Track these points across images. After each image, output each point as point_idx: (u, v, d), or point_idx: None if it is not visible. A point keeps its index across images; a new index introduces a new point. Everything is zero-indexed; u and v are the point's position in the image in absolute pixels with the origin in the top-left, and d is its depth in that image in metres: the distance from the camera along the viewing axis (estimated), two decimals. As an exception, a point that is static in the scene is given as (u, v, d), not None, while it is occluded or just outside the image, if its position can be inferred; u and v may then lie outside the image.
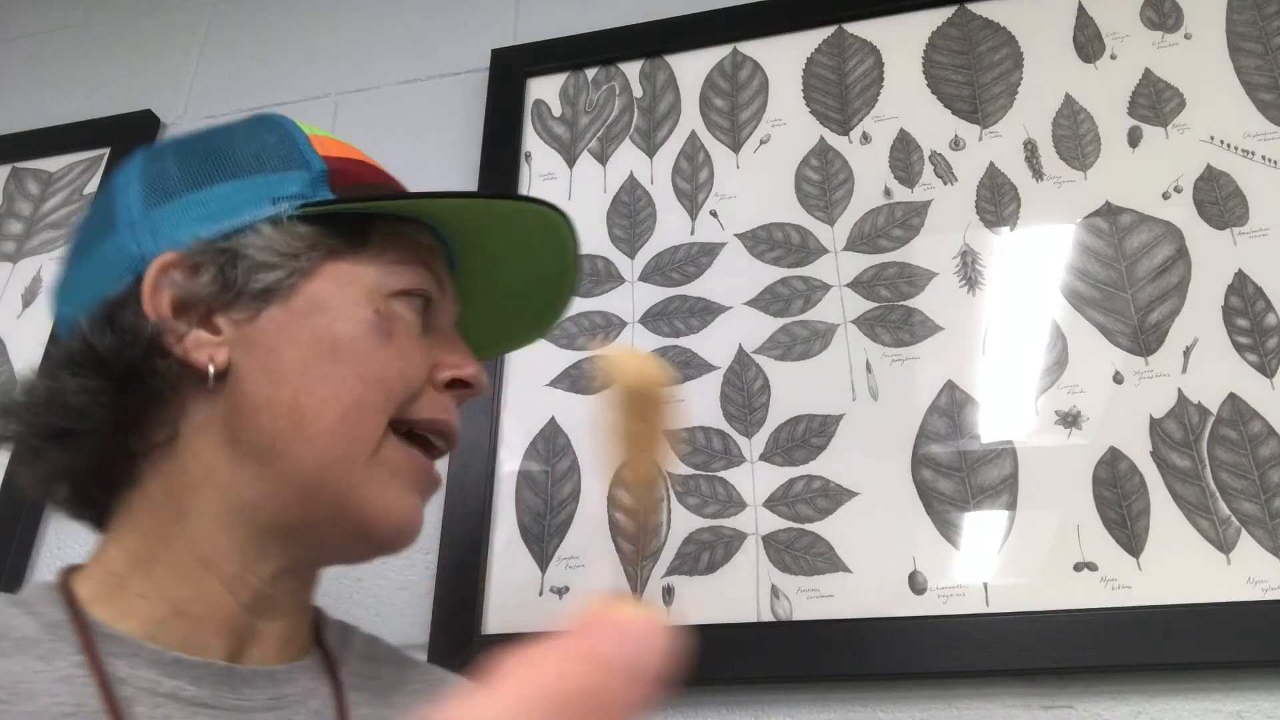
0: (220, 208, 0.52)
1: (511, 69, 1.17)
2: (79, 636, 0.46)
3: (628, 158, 1.09)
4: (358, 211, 0.54)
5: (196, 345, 0.50)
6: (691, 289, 1.00)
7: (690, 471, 0.92)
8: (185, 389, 0.50)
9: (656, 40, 1.13)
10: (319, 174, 0.54)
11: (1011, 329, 0.89)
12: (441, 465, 0.96)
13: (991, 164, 0.97)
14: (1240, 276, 0.86)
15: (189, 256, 0.51)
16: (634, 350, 0.24)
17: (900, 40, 1.06)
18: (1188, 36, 0.97)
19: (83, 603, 0.48)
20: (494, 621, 0.89)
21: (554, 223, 0.60)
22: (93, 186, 1.26)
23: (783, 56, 1.09)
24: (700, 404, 0.94)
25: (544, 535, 0.92)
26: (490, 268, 0.63)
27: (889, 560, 0.83)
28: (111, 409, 0.50)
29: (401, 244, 0.56)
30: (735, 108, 1.08)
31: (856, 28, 1.08)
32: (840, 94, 1.05)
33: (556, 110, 1.14)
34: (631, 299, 1.01)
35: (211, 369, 0.50)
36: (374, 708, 0.55)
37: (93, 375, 0.49)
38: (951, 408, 0.88)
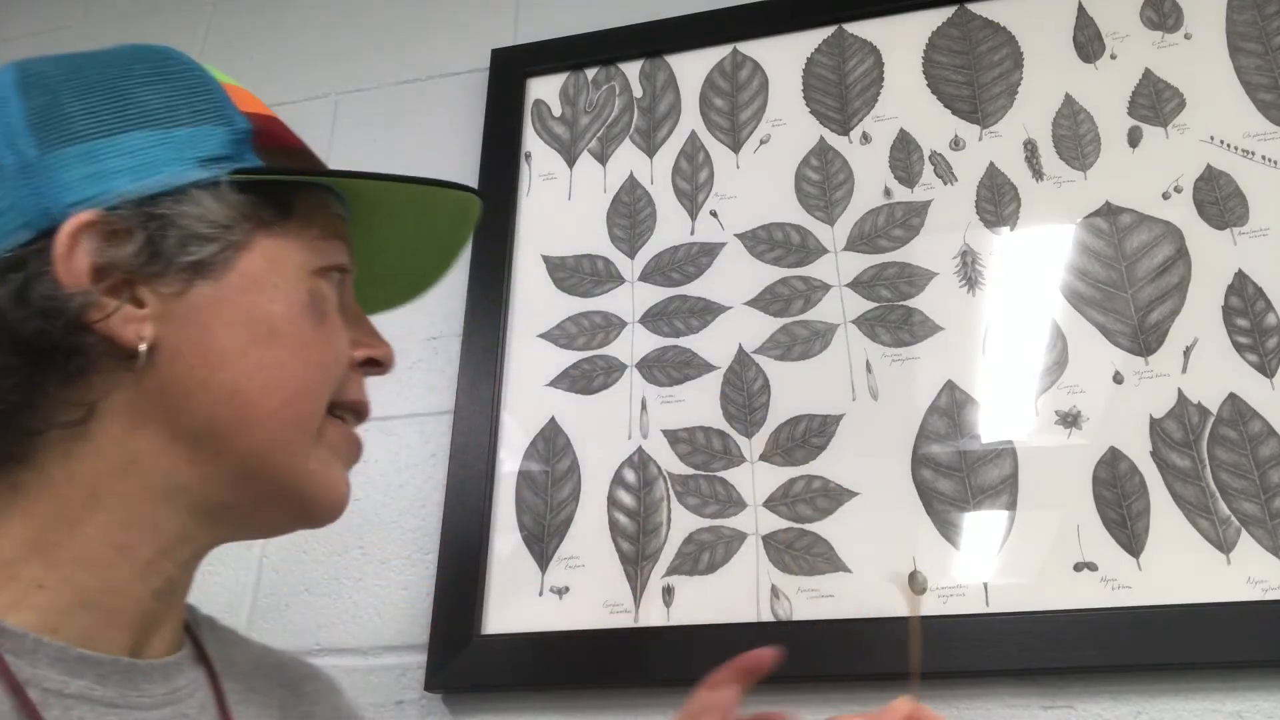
0: (138, 162, 0.46)
1: (511, 69, 1.17)
2: None
3: (628, 158, 1.09)
4: (287, 182, 0.51)
5: (124, 320, 0.45)
6: (691, 289, 1.00)
7: (690, 471, 0.92)
8: (104, 367, 0.45)
9: (656, 40, 1.13)
10: (243, 134, 0.50)
11: (1011, 329, 0.89)
12: (441, 466, 0.97)
13: (991, 164, 0.97)
14: (1240, 276, 0.86)
15: (111, 219, 0.45)
16: None
17: (900, 40, 1.06)
18: (1188, 36, 0.97)
19: None
20: (494, 621, 0.89)
21: (461, 200, 0.58)
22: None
23: (783, 56, 1.09)
24: (700, 404, 0.94)
25: (544, 535, 0.92)
26: (383, 234, 0.60)
27: (889, 560, 0.83)
28: (19, 386, 0.44)
29: (323, 217, 0.54)
30: (735, 108, 1.08)
31: (856, 28, 1.08)
32: (840, 94, 1.05)
33: (556, 110, 1.14)
34: (631, 299, 1.01)
35: (143, 347, 0.45)
36: (240, 692, 0.55)
37: (4, 351, 0.43)
38: (951, 408, 0.88)
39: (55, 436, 0.45)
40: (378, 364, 0.56)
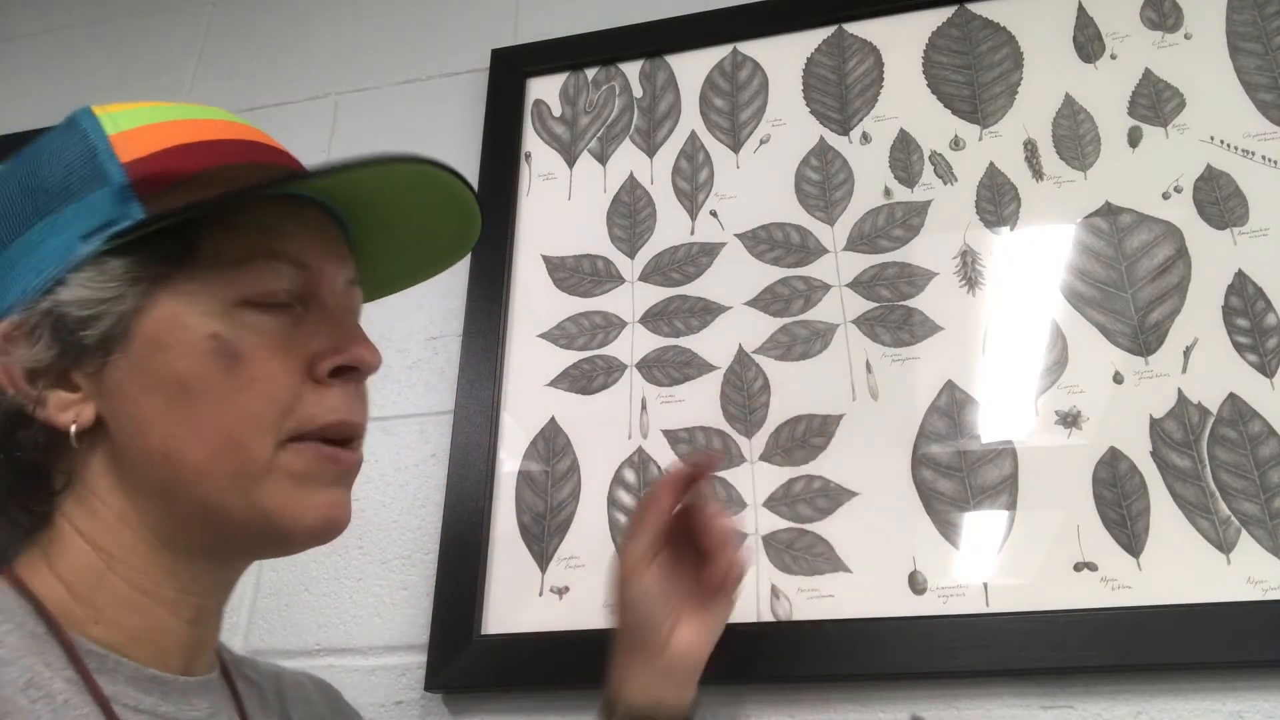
0: (37, 255, 0.48)
1: (511, 69, 1.17)
2: (67, 652, 0.46)
3: (628, 158, 1.09)
4: (171, 224, 0.48)
5: (59, 407, 0.48)
6: (691, 289, 1.00)
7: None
8: (67, 444, 0.49)
9: (656, 40, 1.13)
10: (121, 188, 0.48)
11: (1011, 329, 0.89)
12: (441, 466, 0.97)
13: (991, 164, 0.97)
14: (1240, 276, 0.86)
15: (20, 321, 0.48)
16: None
17: (900, 40, 1.06)
18: (1188, 36, 0.97)
19: (56, 616, 0.47)
20: (494, 621, 0.89)
21: (436, 178, 0.54)
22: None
23: (783, 56, 1.09)
24: (700, 404, 0.94)
25: (544, 535, 0.92)
26: (380, 209, 0.57)
27: (889, 560, 0.83)
28: (14, 461, 0.49)
29: (241, 241, 0.50)
30: (735, 108, 1.08)
31: (856, 28, 1.08)
32: (840, 94, 1.05)
33: (556, 110, 1.14)
34: (631, 299, 1.01)
35: (74, 429, 0.48)
36: (255, 699, 0.59)
37: (22, 464, 0.49)
38: (951, 408, 0.88)
39: (64, 499, 0.50)
40: (354, 369, 0.52)
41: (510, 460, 0.97)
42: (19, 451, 0.48)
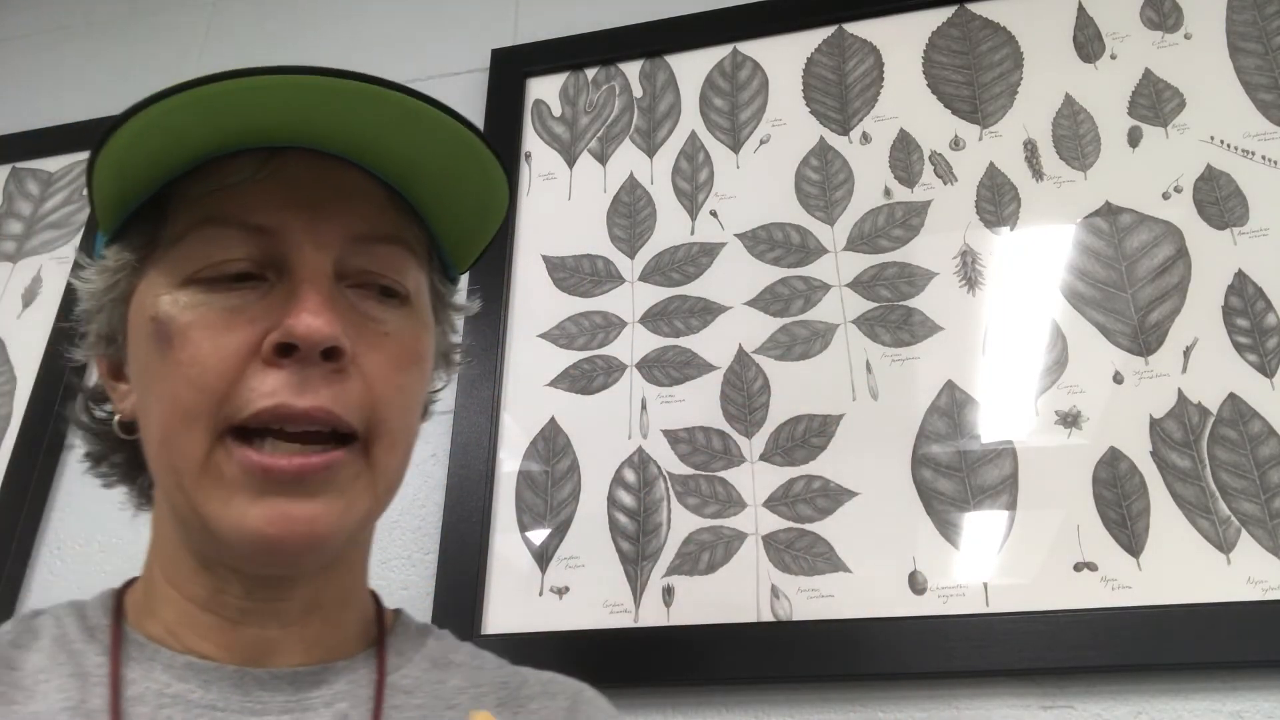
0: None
1: (511, 69, 1.17)
2: (110, 640, 0.48)
3: (628, 158, 1.09)
4: (140, 207, 0.47)
5: (118, 398, 0.52)
6: (691, 289, 1.00)
7: (690, 471, 0.91)
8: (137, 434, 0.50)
9: (656, 40, 1.13)
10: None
11: (1011, 329, 0.89)
12: (441, 465, 0.97)
13: (991, 164, 0.97)
14: (1240, 276, 0.86)
15: (77, 320, 0.52)
16: None
17: (900, 40, 1.06)
18: (1188, 36, 0.97)
19: (126, 609, 0.50)
20: (494, 621, 0.89)
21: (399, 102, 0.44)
22: (93, 186, 1.26)
23: (783, 56, 1.09)
24: (700, 404, 0.94)
25: (544, 535, 0.92)
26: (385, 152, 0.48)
27: (889, 560, 0.83)
28: (115, 467, 0.54)
29: (186, 211, 0.46)
30: (735, 108, 1.08)
31: (856, 28, 1.08)
32: (840, 94, 1.05)
33: (556, 110, 1.14)
34: (631, 299, 1.01)
35: (117, 418, 0.51)
36: (424, 713, 0.50)
37: (93, 440, 0.55)
38: (951, 408, 0.88)
39: (150, 493, 0.53)
40: (290, 347, 0.43)
41: (510, 460, 0.97)
42: (120, 436, 0.52)
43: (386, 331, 0.48)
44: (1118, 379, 0.85)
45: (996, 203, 0.95)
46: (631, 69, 1.14)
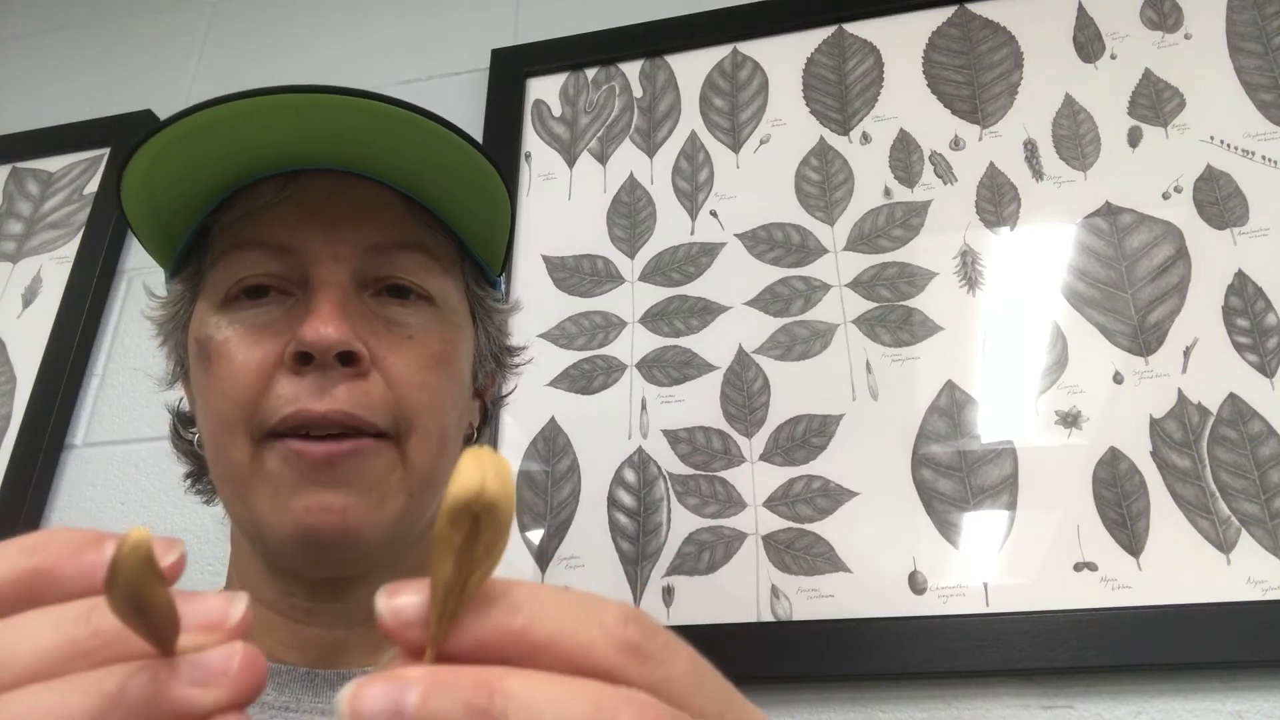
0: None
1: (511, 69, 1.17)
2: None
3: (628, 158, 1.09)
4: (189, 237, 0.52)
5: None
6: (691, 289, 1.00)
7: (690, 471, 0.92)
8: None
9: (656, 40, 1.13)
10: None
11: (1011, 329, 0.89)
12: (441, 465, 0.97)
13: (991, 164, 0.97)
14: (1240, 276, 0.86)
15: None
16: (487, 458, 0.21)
17: (900, 40, 1.06)
18: (1188, 36, 0.97)
19: None
20: (494, 621, 0.89)
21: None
22: (92, 187, 1.26)
23: (783, 56, 1.09)
24: (700, 404, 0.94)
25: (544, 535, 0.92)
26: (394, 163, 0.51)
27: (889, 560, 0.83)
28: (210, 484, 0.56)
29: (220, 237, 0.49)
30: (735, 108, 1.08)
31: (856, 28, 1.08)
32: (840, 94, 1.05)
33: (556, 110, 1.14)
34: (631, 299, 1.01)
35: (197, 437, 0.55)
36: None
37: (187, 460, 0.58)
38: (951, 408, 0.88)
39: None
40: (307, 355, 0.45)
41: (510, 460, 0.96)
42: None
43: (410, 334, 0.49)
44: (1118, 379, 0.85)
45: (996, 203, 0.95)
46: (631, 69, 1.14)
